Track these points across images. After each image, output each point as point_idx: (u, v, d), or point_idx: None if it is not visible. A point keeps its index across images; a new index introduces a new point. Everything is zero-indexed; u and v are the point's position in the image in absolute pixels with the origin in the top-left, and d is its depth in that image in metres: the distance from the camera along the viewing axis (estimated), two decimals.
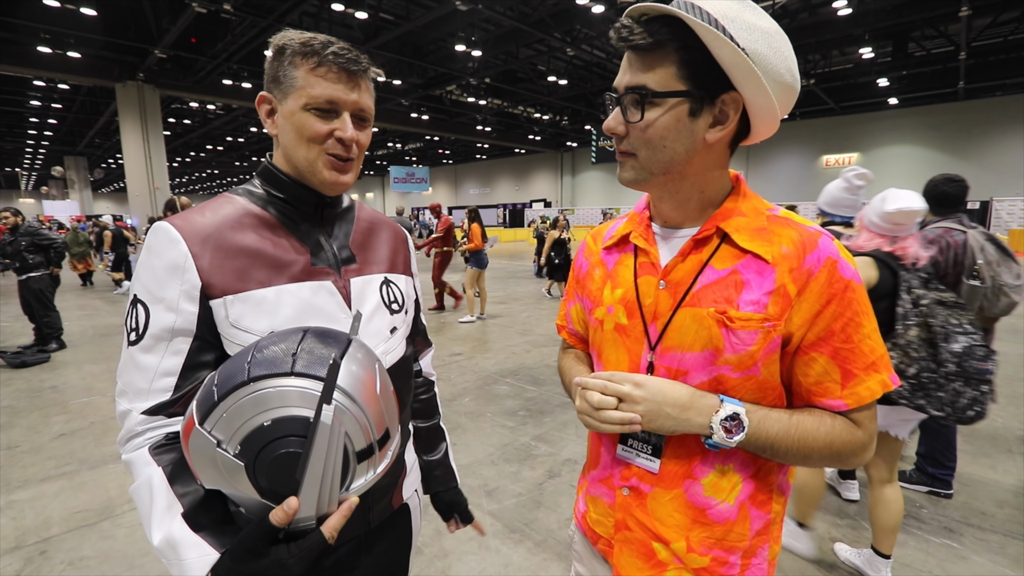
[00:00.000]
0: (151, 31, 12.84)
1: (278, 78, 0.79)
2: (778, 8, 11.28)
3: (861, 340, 0.70)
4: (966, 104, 18.36)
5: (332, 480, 0.58)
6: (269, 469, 0.57)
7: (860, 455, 0.72)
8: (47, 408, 4.13)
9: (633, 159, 0.73)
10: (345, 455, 0.59)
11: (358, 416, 0.60)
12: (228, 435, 0.57)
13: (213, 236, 0.76)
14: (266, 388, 0.57)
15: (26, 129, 24.97)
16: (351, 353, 0.64)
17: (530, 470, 3.03)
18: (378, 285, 0.91)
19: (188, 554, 0.61)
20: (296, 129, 0.79)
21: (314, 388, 0.58)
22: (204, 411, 0.58)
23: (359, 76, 0.80)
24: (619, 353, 0.81)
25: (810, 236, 0.72)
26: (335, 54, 0.77)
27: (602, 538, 0.87)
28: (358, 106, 0.81)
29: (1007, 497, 2.67)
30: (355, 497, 0.61)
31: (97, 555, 2.30)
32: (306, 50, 0.77)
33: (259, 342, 0.64)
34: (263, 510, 0.58)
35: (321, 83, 0.77)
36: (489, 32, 14.32)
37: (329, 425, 0.57)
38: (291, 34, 0.79)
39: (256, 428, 0.56)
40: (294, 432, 0.57)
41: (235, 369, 0.60)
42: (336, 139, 0.80)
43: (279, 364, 0.59)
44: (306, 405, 0.57)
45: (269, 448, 0.56)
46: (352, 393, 0.60)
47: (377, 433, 0.62)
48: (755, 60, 0.64)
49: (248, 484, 0.57)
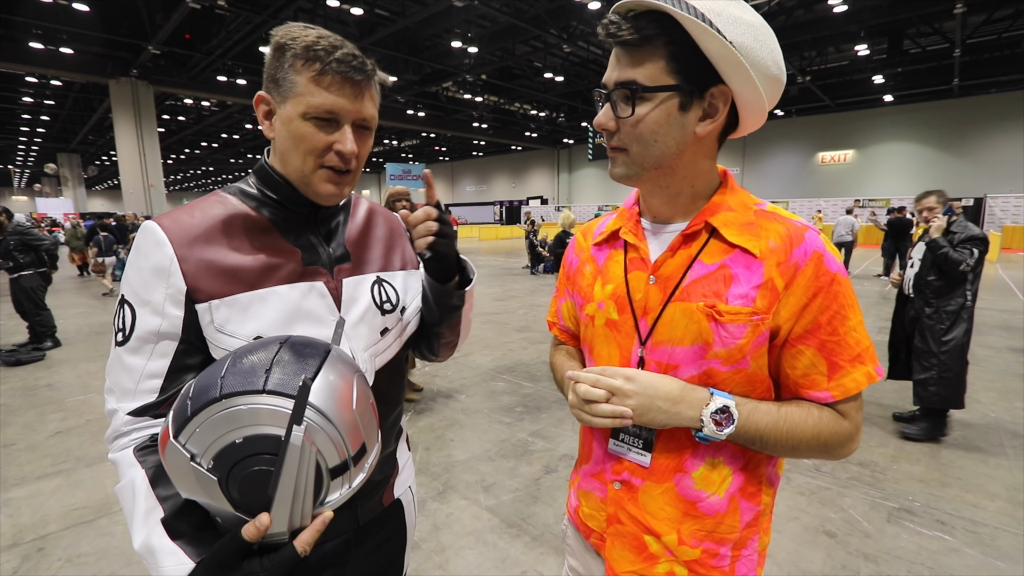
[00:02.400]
0: (145, 27, 12.75)
1: (278, 80, 0.75)
2: (774, 5, 11.27)
3: (847, 332, 0.71)
4: (961, 101, 18.46)
5: (304, 496, 0.59)
6: (241, 485, 0.57)
7: (847, 446, 0.74)
8: (43, 406, 4.12)
9: (624, 154, 0.74)
10: (318, 472, 0.59)
11: (331, 434, 0.59)
12: (201, 449, 0.57)
13: (200, 239, 0.75)
14: (238, 405, 0.57)
15: (19, 126, 24.79)
16: (329, 365, 0.63)
17: (527, 466, 3.05)
18: (369, 285, 0.89)
19: (165, 562, 0.62)
20: (293, 138, 0.76)
21: (285, 407, 0.58)
22: (178, 424, 0.59)
23: (364, 85, 0.77)
24: (610, 348, 0.82)
25: (797, 230, 0.72)
26: (339, 61, 0.73)
27: (594, 532, 0.88)
28: (360, 116, 0.77)
29: (999, 490, 2.70)
30: (329, 511, 0.62)
31: (95, 552, 2.31)
32: (309, 55, 0.72)
33: (235, 352, 0.64)
34: (238, 522, 0.59)
35: (323, 93, 0.73)
36: (485, 28, 14.29)
37: (299, 446, 0.57)
38: (294, 31, 0.74)
39: (228, 445, 0.57)
40: (265, 450, 0.57)
41: (209, 383, 0.60)
42: (335, 152, 0.77)
43: (251, 381, 0.59)
44: (277, 424, 0.57)
45: (241, 465, 0.57)
46: (325, 411, 0.59)
47: (352, 449, 0.62)
48: (742, 53, 0.65)
49: (222, 497, 0.58)
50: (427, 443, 3.37)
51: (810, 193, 22.05)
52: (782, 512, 2.53)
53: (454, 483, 2.86)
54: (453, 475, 2.95)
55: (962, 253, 3.09)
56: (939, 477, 2.86)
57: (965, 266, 3.08)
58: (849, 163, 21.40)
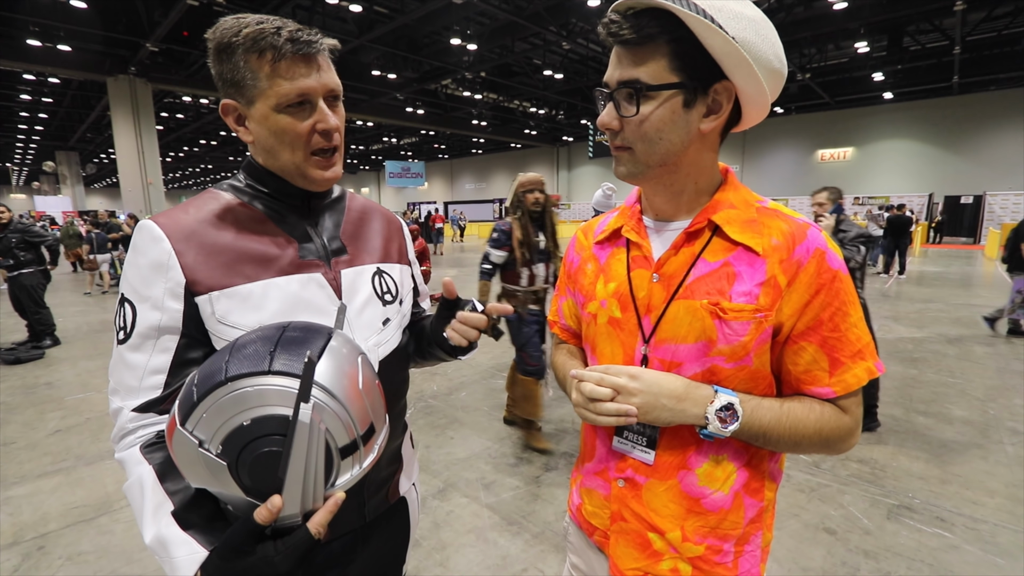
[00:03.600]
0: (142, 24, 12.68)
1: (236, 82, 0.74)
2: (774, 2, 11.27)
3: (848, 329, 0.71)
4: (961, 99, 18.43)
5: (315, 477, 0.58)
6: (251, 468, 0.57)
7: (848, 440, 0.74)
8: (42, 404, 4.12)
9: (629, 153, 0.74)
10: (328, 452, 0.59)
11: (339, 412, 0.59)
12: (209, 435, 0.57)
13: (197, 232, 0.76)
14: (244, 387, 0.57)
15: (16, 124, 24.67)
16: (333, 348, 0.63)
17: (527, 463, 3.05)
18: (370, 276, 0.90)
19: (177, 552, 0.62)
20: (275, 134, 0.76)
21: (292, 386, 0.57)
22: (185, 411, 0.58)
23: (320, 56, 0.76)
24: (613, 346, 0.82)
25: (799, 227, 0.73)
26: (291, 41, 0.71)
27: (598, 530, 0.88)
28: (327, 88, 0.77)
29: (998, 487, 2.71)
30: (341, 493, 0.61)
31: (95, 550, 2.31)
32: (260, 46, 0.71)
33: (238, 339, 0.64)
34: (249, 508, 0.58)
35: (286, 80, 0.73)
36: (484, 26, 14.24)
37: (308, 423, 0.56)
38: (232, 27, 0.73)
39: (236, 428, 0.56)
40: (274, 431, 0.56)
41: (213, 368, 0.59)
42: (319, 133, 0.77)
43: (257, 362, 0.59)
44: (284, 403, 0.57)
45: (250, 447, 0.56)
46: (332, 389, 0.59)
47: (361, 428, 0.62)
48: (745, 48, 0.65)
49: (232, 483, 0.58)
50: (427, 441, 3.37)
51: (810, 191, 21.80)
52: (782, 509, 2.54)
53: (454, 480, 2.87)
54: (453, 472, 2.95)
55: (851, 250, 3.26)
56: (939, 474, 2.87)
57: (854, 263, 3.27)
58: (849, 160, 21.36)
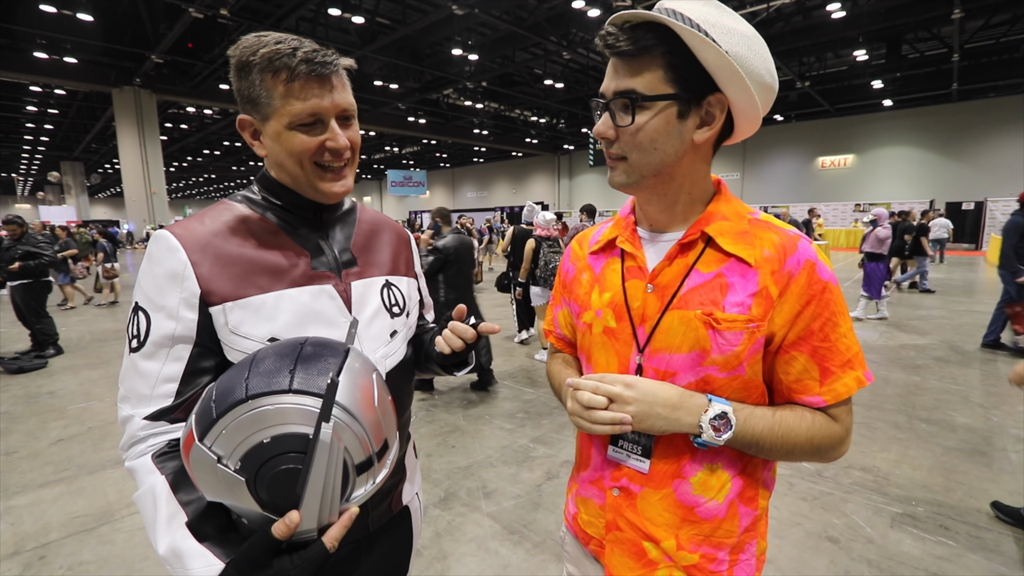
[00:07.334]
0: (148, 36, 12.86)
1: (253, 99, 0.77)
2: (772, 11, 11.35)
3: (838, 339, 0.72)
4: (960, 106, 18.50)
5: (332, 493, 0.59)
6: (270, 484, 0.58)
7: (838, 448, 0.75)
8: (45, 414, 4.12)
9: (624, 162, 0.75)
10: (345, 469, 0.60)
11: (357, 431, 0.61)
12: (228, 451, 0.58)
13: (212, 243, 0.77)
14: (265, 406, 0.58)
15: (22, 134, 24.95)
16: (349, 365, 0.64)
17: (528, 472, 3.05)
18: (379, 288, 0.91)
19: (193, 564, 0.62)
20: (286, 150, 0.78)
21: (312, 405, 0.59)
22: (203, 427, 0.59)
23: (334, 76, 0.78)
24: (608, 356, 0.83)
25: (790, 239, 0.74)
26: (305, 62, 0.73)
27: (593, 539, 0.88)
28: (340, 108, 0.79)
29: (1002, 495, 2.69)
30: (355, 507, 0.62)
31: (96, 560, 2.31)
32: (275, 66, 0.73)
33: (256, 354, 0.65)
34: (265, 522, 0.59)
35: (299, 99, 0.75)
36: (486, 36, 14.39)
37: (328, 443, 0.58)
38: (251, 45, 0.75)
39: (256, 445, 0.57)
40: (293, 449, 0.57)
41: (233, 384, 0.60)
42: (328, 150, 0.79)
43: (277, 381, 0.60)
44: (305, 422, 0.58)
45: (269, 464, 0.57)
46: (351, 408, 0.60)
47: (376, 445, 0.63)
48: (738, 62, 0.67)
49: (249, 498, 0.58)
50: (428, 449, 3.36)
51: (810, 198, 22.03)
52: (785, 518, 2.53)
53: (455, 489, 2.86)
54: (454, 481, 2.95)
55: None
56: (942, 482, 2.85)
57: None
58: (849, 168, 21.40)
